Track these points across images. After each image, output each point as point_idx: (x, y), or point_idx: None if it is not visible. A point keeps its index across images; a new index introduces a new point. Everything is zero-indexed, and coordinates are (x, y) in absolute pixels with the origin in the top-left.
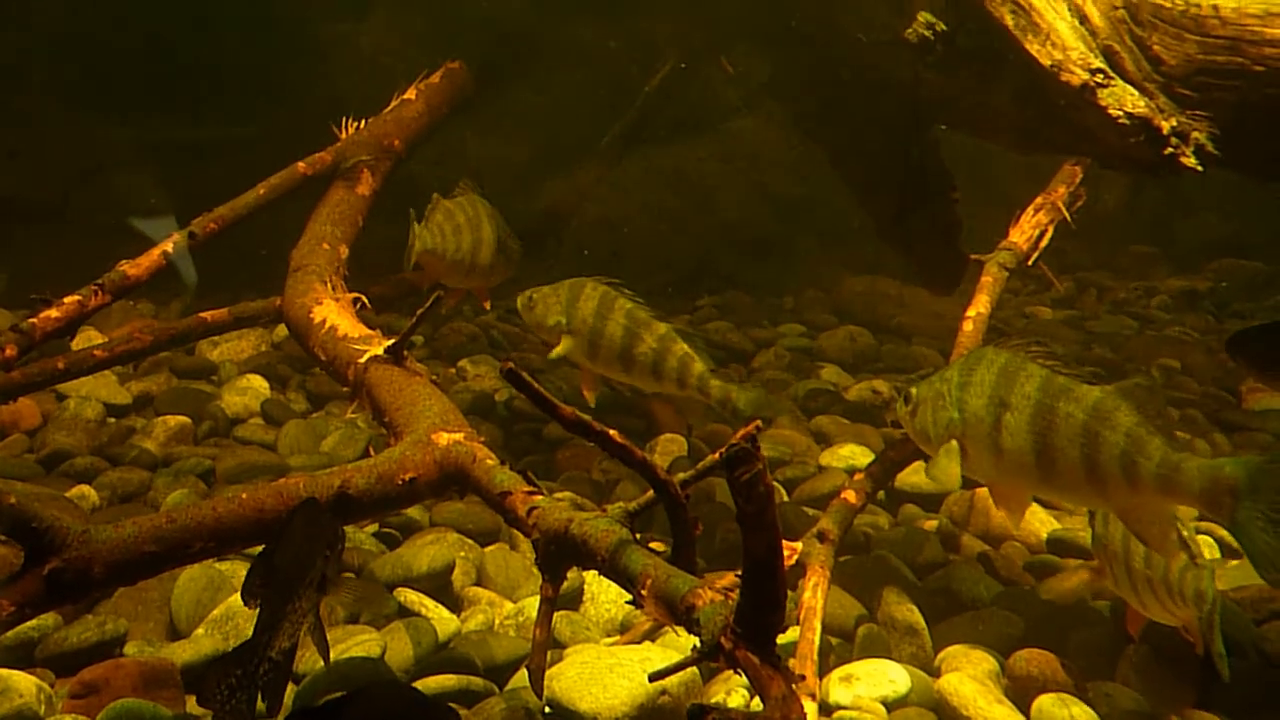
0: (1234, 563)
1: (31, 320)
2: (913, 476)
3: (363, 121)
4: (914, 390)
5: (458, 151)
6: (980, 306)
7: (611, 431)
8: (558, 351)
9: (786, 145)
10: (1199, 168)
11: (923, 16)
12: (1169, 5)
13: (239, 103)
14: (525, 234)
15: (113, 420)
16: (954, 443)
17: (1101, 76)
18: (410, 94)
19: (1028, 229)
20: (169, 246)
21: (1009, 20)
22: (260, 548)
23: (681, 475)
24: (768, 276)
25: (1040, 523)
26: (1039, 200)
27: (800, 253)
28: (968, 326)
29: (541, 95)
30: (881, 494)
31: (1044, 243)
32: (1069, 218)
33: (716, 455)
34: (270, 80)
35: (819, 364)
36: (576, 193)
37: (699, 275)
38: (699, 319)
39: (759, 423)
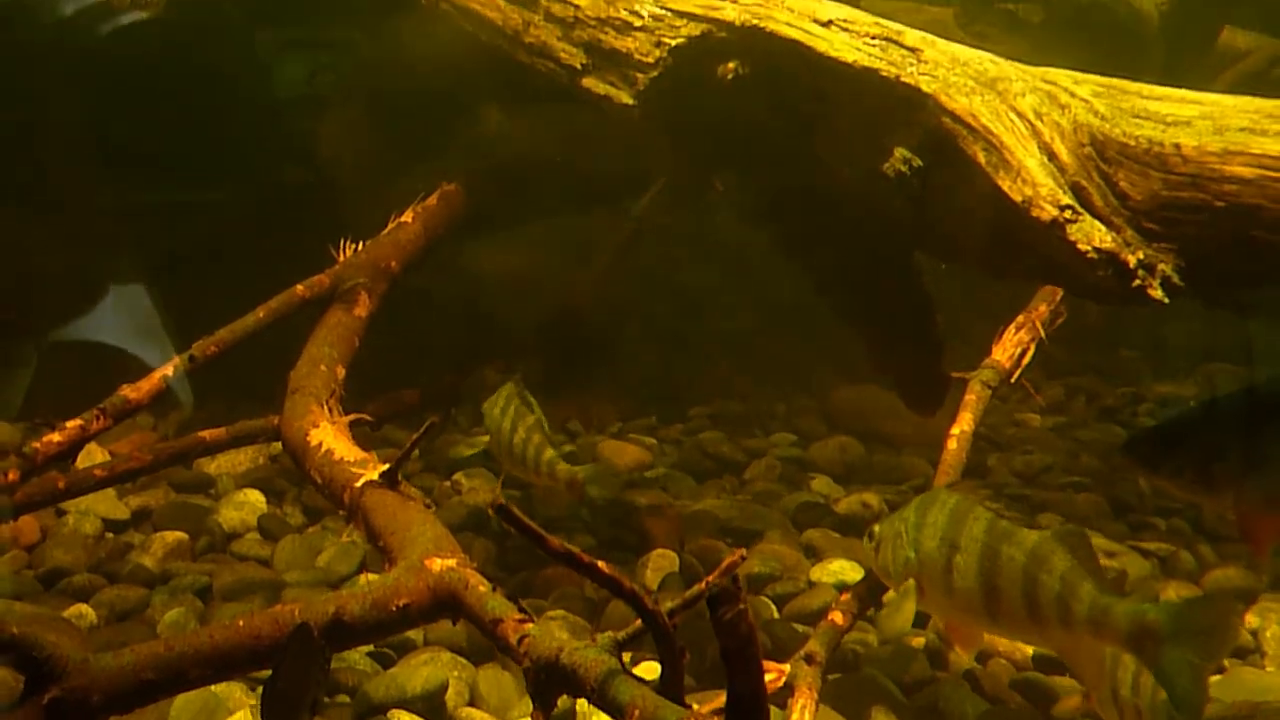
0: (1216, 677)
1: (34, 445)
2: None
3: (360, 244)
4: (877, 528)
5: (453, 260)
6: (964, 424)
7: (600, 563)
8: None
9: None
10: (1165, 299)
11: (899, 152)
12: (1133, 143)
13: (211, 167)
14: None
15: (111, 535)
16: (911, 582)
17: (1070, 212)
18: (407, 216)
19: (1010, 347)
20: (169, 370)
21: (981, 157)
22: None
23: (669, 604)
24: (760, 384)
25: None
26: (1020, 319)
27: (792, 359)
28: (951, 444)
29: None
30: (872, 610)
31: (1026, 360)
32: (1044, 337)
33: (703, 584)
34: (242, 147)
35: (810, 475)
36: (574, 306)
37: (692, 384)
38: (691, 428)
39: (742, 552)
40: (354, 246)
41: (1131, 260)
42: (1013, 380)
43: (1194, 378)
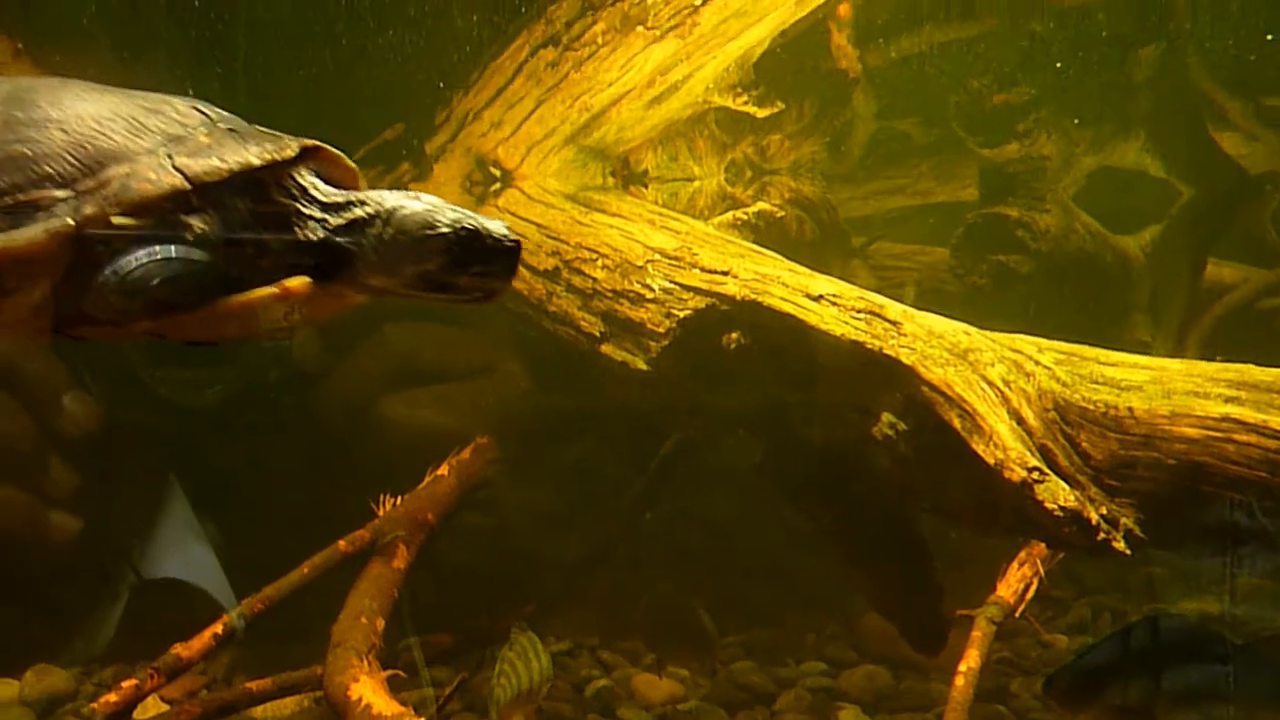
0: None
1: (92, 705)
2: None
3: (399, 499)
4: None
5: (490, 499)
6: (971, 661)
7: None
8: None
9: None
10: (1128, 551)
11: (885, 416)
12: (1092, 407)
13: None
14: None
15: None
16: None
17: (1038, 473)
18: (443, 470)
19: (1013, 583)
20: (219, 629)
21: (957, 424)
22: None
23: None
24: (791, 611)
25: None
26: (1022, 555)
27: (822, 586)
28: (959, 681)
29: (571, 447)
30: None
31: (1029, 595)
32: (1043, 574)
33: None
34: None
35: (839, 704)
36: (604, 546)
37: (726, 612)
38: (724, 658)
39: None
40: (393, 501)
41: (1094, 517)
42: (1017, 615)
43: (1218, 594)
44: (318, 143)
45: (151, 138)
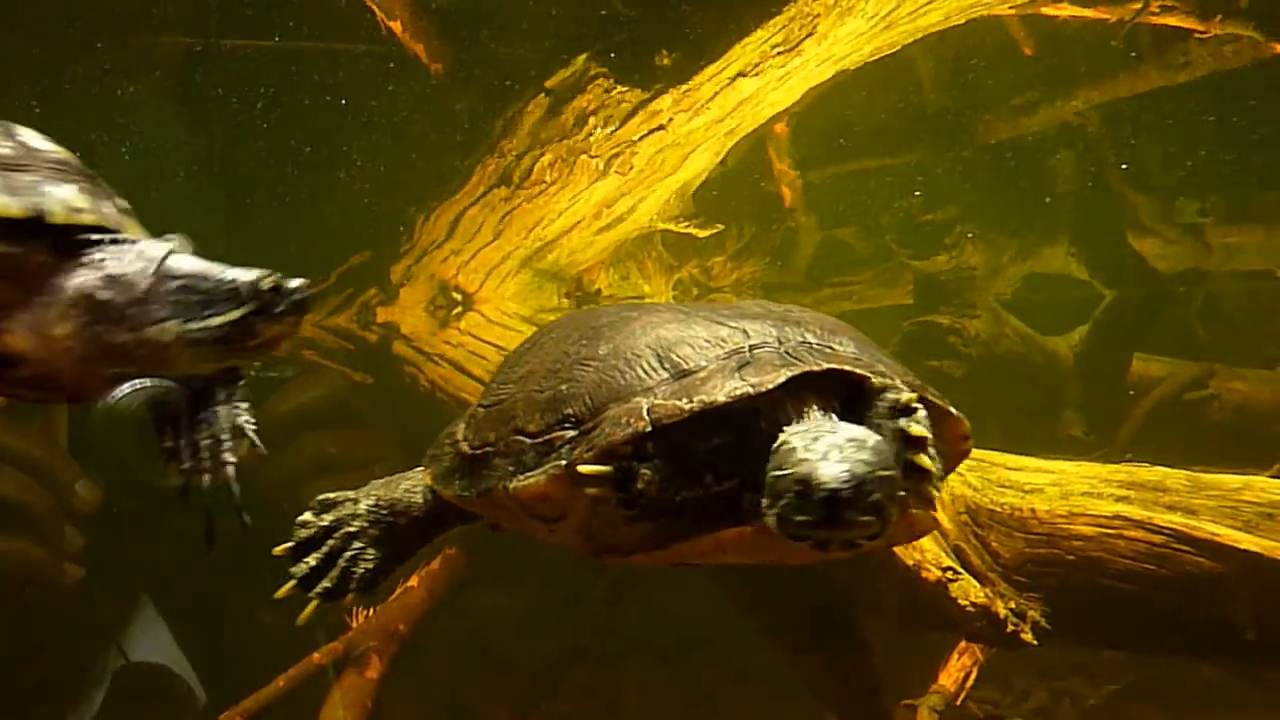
0: None
1: None
2: None
3: (371, 610)
4: None
5: (462, 603)
6: None
7: None
8: None
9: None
10: (1035, 641)
11: None
12: (1000, 509)
13: None
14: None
15: None
16: None
17: (951, 573)
18: (413, 581)
19: (954, 672)
20: None
21: None
22: None
23: None
24: (769, 710)
25: None
26: (962, 645)
27: (788, 679)
28: None
29: (538, 552)
30: None
31: (969, 684)
32: (983, 662)
33: None
34: None
35: None
36: (574, 648)
37: (698, 707)
38: None
39: None
40: (365, 613)
41: (1002, 611)
42: (958, 704)
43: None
44: (828, 365)
45: (662, 374)
